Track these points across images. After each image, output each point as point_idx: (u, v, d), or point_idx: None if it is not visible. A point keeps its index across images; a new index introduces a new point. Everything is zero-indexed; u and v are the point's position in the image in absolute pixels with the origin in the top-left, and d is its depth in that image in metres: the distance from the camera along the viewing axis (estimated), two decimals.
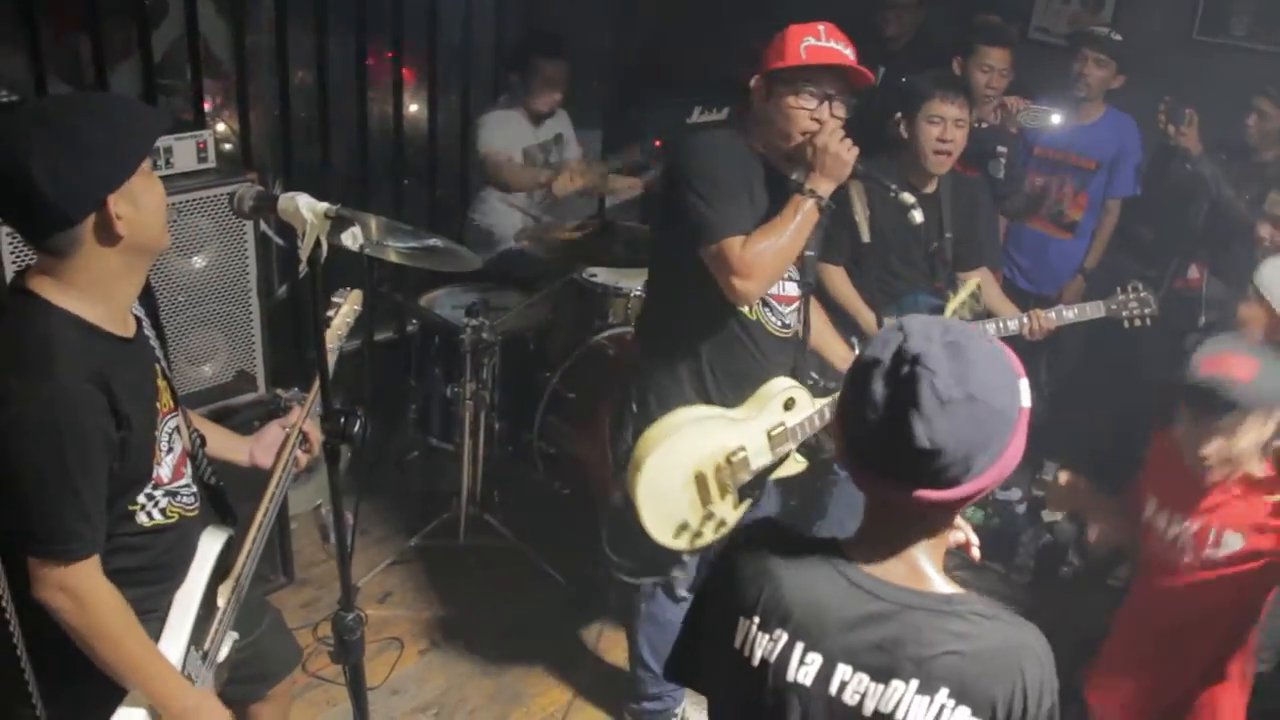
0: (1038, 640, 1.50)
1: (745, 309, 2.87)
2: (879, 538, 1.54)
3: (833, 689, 1.49)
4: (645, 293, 3.23)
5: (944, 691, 1.43)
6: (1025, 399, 1.45)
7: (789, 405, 3.00)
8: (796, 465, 3.12)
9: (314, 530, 4.21)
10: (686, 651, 1.78)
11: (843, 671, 1.49)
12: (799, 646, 1.52)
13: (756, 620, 1.55)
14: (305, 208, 1.96)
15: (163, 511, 2.12)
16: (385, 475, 4.55)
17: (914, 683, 1.44)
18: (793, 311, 2.99)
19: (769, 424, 2.96)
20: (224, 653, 2.28)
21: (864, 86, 2.79)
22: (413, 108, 5.22)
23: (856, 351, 3.13)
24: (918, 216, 2.85)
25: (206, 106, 4.47)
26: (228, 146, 4.62)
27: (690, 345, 2.91)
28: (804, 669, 1.51)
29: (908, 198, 2.87)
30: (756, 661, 1.55)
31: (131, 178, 1.92)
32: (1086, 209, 4.66)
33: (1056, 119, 4.22)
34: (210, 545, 2.28)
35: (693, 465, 2.88)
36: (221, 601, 2.26)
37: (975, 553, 1.70)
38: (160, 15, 4.34)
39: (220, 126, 4.69)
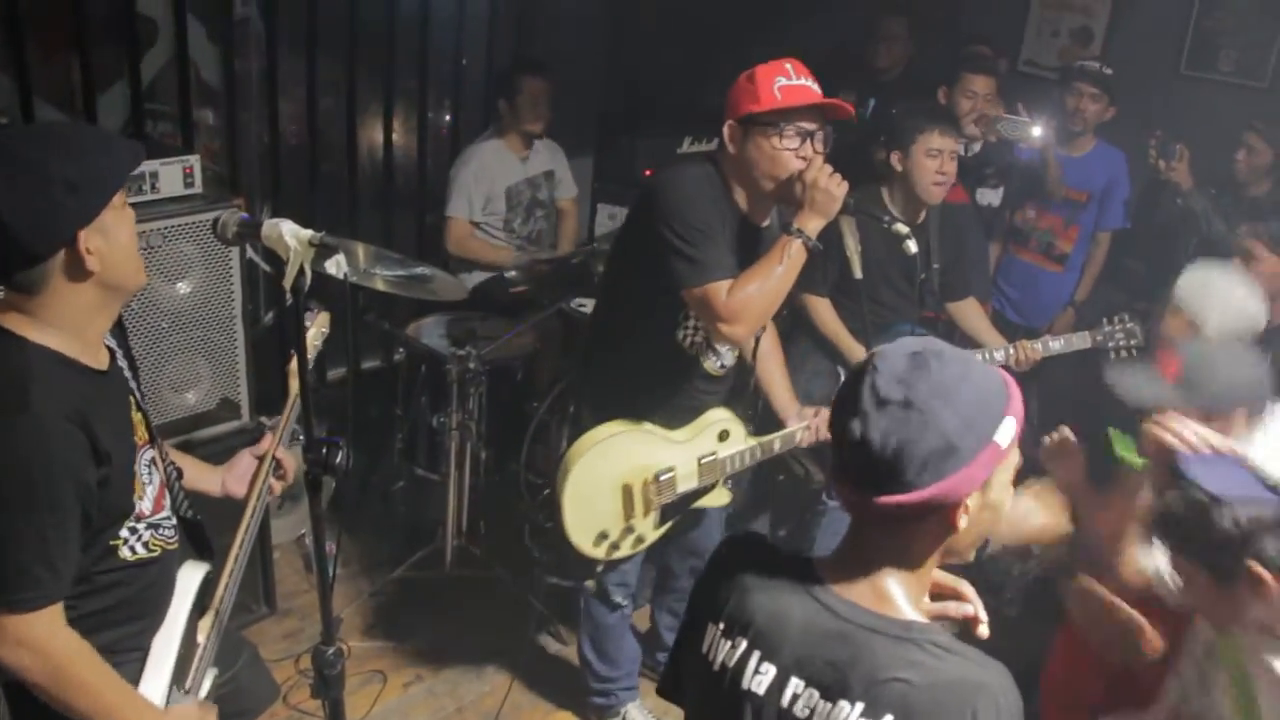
0: (999, 681, 1.45)
1: (687, 345, 2.90)
2: (852, 558, 1.54)
3: (784, 700, 1.49)
4: (596, 308, 3.24)
5: (889, 718, 1.40)
6: (1000, 436, 1.42)
7: (723, 437, 3.07)
8: (721, 498, 3.18)
9: (297, 560, 4.17)
10: (673, 666, 1.78)
11: (795, 685, 1.49)
12: (756, 655, 1.53)
13: (721, 626, 1.58)
14: (289, 234, 1.94)
15: (145, 545, 2.07)
16: (371, 505, 4.51)
17: (860, 705, 1.42)
18: (732, 352, 3.02)
19: (701, 451, 3.02)
20: (205, 689, 2.23)
21: (840, 119, 2.77)
22: (402, 135, 5.20)
23: (798, 403, 3.20)
24: (913, 246, 2.85)
25: (194, 132, 4.44)
26: (217, 170, 4.60)
27: (631, 367, 2.95)
28: (759, 678, 1.52)
29: (902, 228, 2.86)
30: (717, 667, 1.57)
31: (104, 212, 1.87)
32: (1077, 241, 4.67)
33: (1036, 131, 4.20)
34: (189, 580, 2.23)
35: (620, 476, 2.93)
36: (202, 637, 2.21)
37: (983, 629, 1.66)
38: (150, 40, 4.32)
39: (214, 154, 4.67)
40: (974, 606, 1.68)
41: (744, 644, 1.54)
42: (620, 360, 2.99)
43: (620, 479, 2.93)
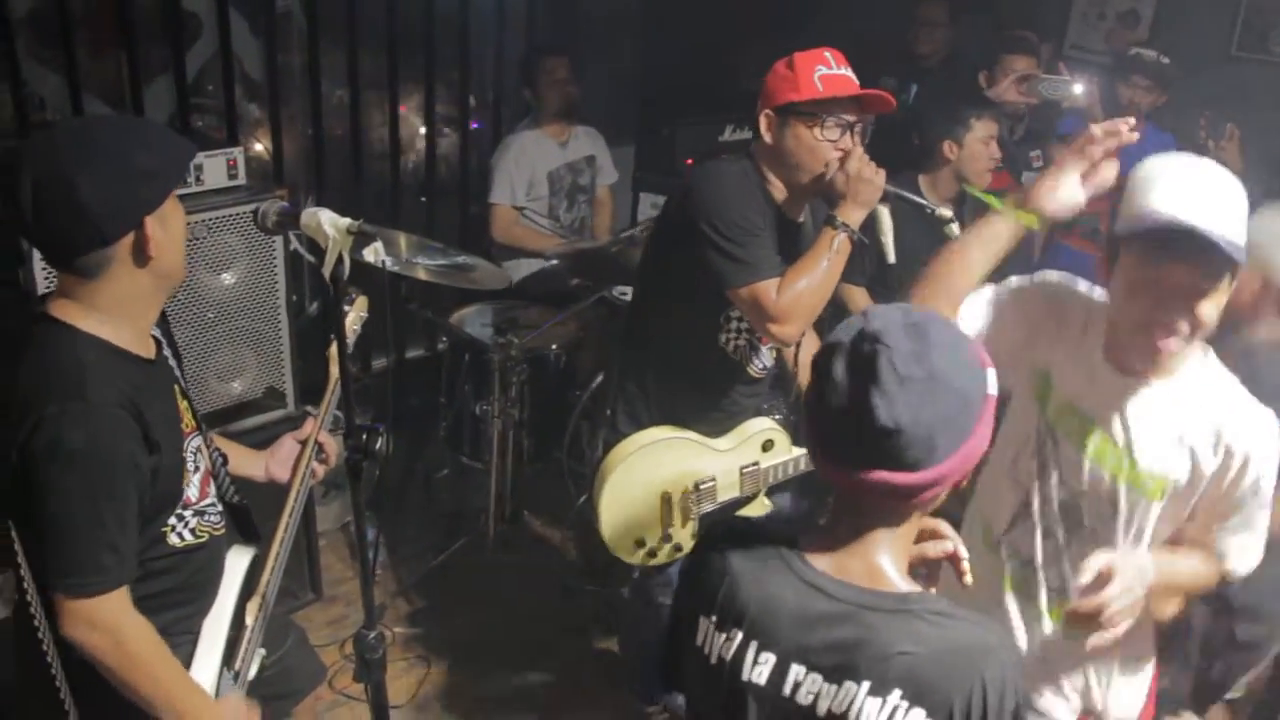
0: (1001, 640, 1.48)
1: (730, 349, 2.86)
2: (839, 534, 1.52)
3: (786, 689, 1.48)
4: (630, 312, 3.19)
5: (897, 693, 1.40)
6: (991, 387, 1.44)
7: (767, 446, 3.01)
8: (761, 508, 3.10)
9: (343, 547, 4.21)
10: (669, 655, 1.76)
11: (796, 671, 1.48)
12: (753, 646, 1.51)
13: (714, 619, 1.56)
14: (328, 223, 1.97)
15: (193, 531, 2.12)
16: (415, 493, 4.54)
17: (866, 684, 1.42)
18: (771, 352, 2.99)
19: (744, 461, 2.97)
20: (253, 670, 2.28)
21: (881, 111, 2.74)
22: (443, 126, 5.23)
23: None
24: (956, 230, 2.82)
25: (239, 125, 4.49)
26: (263, 161, 4.65)
27: (669, 372, 2.90)
28: (758, 668, 1.50)
29: (946, 213, 2.84)
30: (714, 660, 1.55)
31: (165, 202, 1.94)
32: None
33: (1078, 89, 4.10)
34: (237, 564, 2.28)
35: (660, 484, 2.88)
36: (250, 619, 2.25)
37: (965, 567, 1.66)
38: (195, 34, 4.38)
39: (258, 146, 4.72)
40: (953, 543, 1.67)
41: (739, 635, 1.52)
42: (658, 365, 2.93)
43: (659, 487, 2.88)
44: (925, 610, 1.44)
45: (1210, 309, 1.84)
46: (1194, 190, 1.80)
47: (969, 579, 1.66)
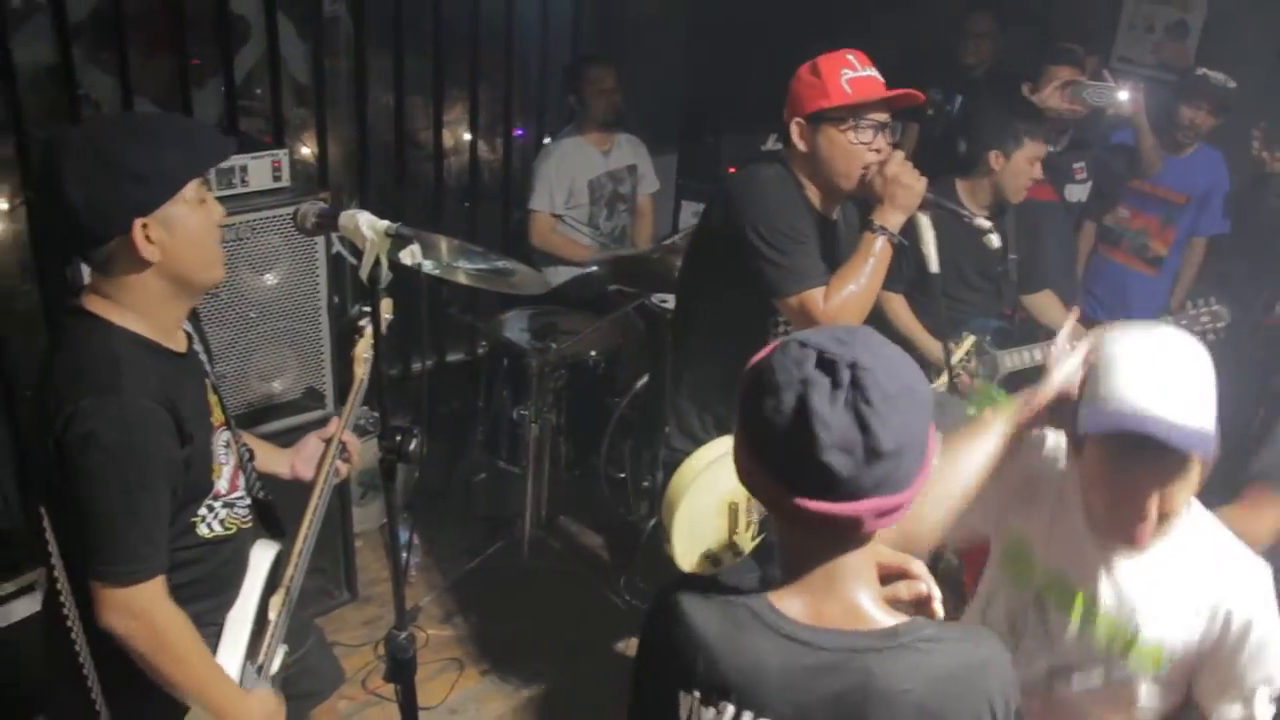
0: (992, 649, 1.43)
1: None
2: (806, 576, 1.43)
3: None
4: (675, 322, 3.16)
5: None
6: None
7: None
8: None
9: (379, 548, 4.24)
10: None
11: None
12: (747, 716, 1.42)
13: (697, 694, 1.45)
14: (366, 225, 1.99)
15: (221, 523, 2.14)
16: (452, 497, 4.55)
17: None
18: None
19: None
20: (276, 665, 2.29)
21: (909, 107, 2.73)
22: (487, 132, 5.26)
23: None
24: (995, 240, 2.80)
25: (285, 127, 4.54)
26: (308, 164, 4.70)
27: (719, 382, 2.85)
28: None
29: (984, 223, 2.82)
30: None
31: (170, 204, 1.92)
32: (1173, 244, 4.54)
33: (1123, 95, 4.05)
34: (262, 558, 2.30)
35: (729, 495, 2.84)
36: (273, 614, 2.26)
37: (937, 607, 1.59)
38: (244, 38, 4.43)
39: (304, 149, 4.77)
40: (925, 584, 1.60)
41: (731, 709, 1.42)
42: (707, 375, 2.91)
43: (728, 499, 2.84)
44: (916, 640, 1.38)
45: (1181, 496, 1.77)
46: (1157, 379, 1.73)
47: (940, 613, 1.59)
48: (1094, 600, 1.94)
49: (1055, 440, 2.07)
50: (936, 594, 1.60)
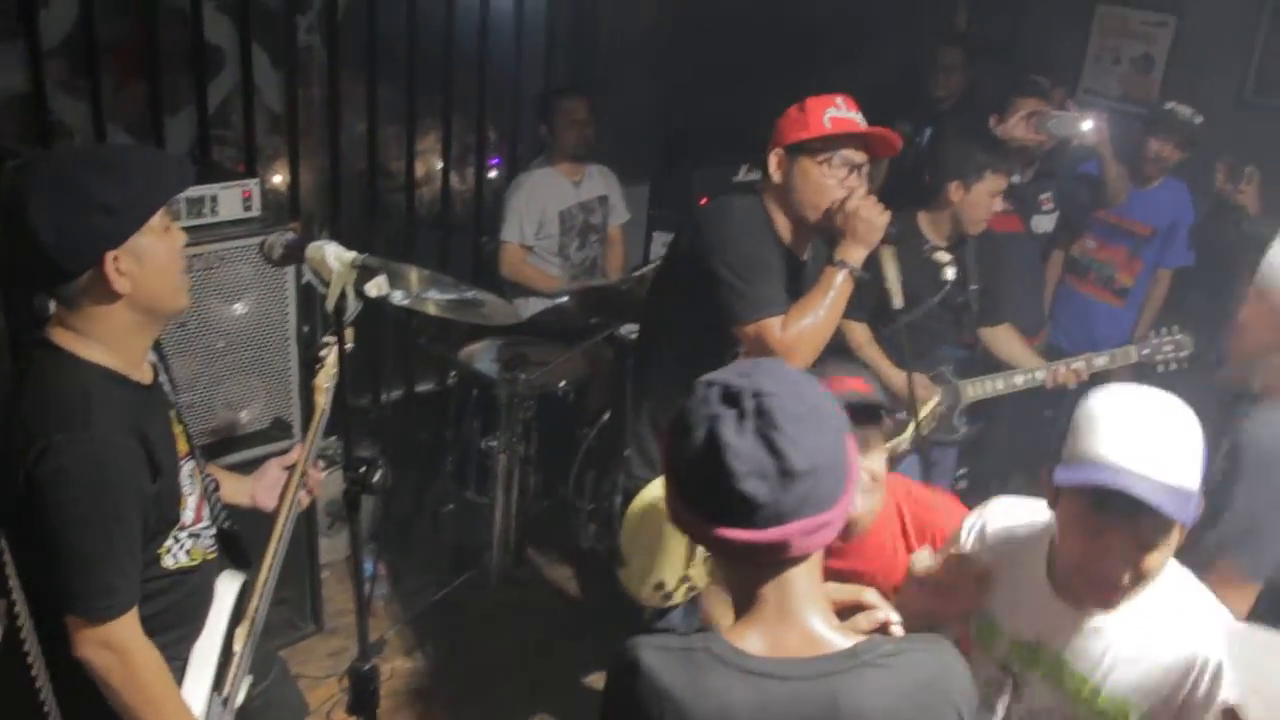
0: (950, 654, 1.46)
1: None
2: (759, 613, 1.43)
3: None
4: (640, 350, 3.17)
5: None
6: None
7: None
8: None
9: (346, 579, 4.20)
10: None
11: None
12: None
13: None
14: (332, 256, 1.99)
15: (187, 553, 2.12)
16: (421, 528, 4.54)
17: None
18: None
19: None
20: (241, 697, 2.28)
21: (887, 155, 2.77)
22: (460, 162, 5.28)
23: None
24: (950, 273, 2.84)
25: (257, 156, 4.54)
26: (281, 193, 4.70)
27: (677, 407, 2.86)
28: None
29: (943, 256, 2.86)
30: None
31: (139, 235, 1.91)
32: (1139, 276, 4.59)
33: (1086, 125, 4.08)
34: (227, 590, 2.28)
35: None
36: (238, 646, 2.26)
37: (897, 630, 1.59)
38: (217, 67, 4.44)
39: (277, 178, 4.76)
40: (883, 611, 1.60)
41: None
42: (668, 403, 2.85)
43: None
44: (877, 658, 1.40)
45: (1156, 561, 1.73)
46: (1139, 437, 1.69)
47: (898, 630, 1.59)
48: (1060, 660, 1.91)
49: (972, 529, 2.08)
50: (895, 617, 1.61)
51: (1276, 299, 2.33)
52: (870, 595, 1.63)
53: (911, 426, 3.13)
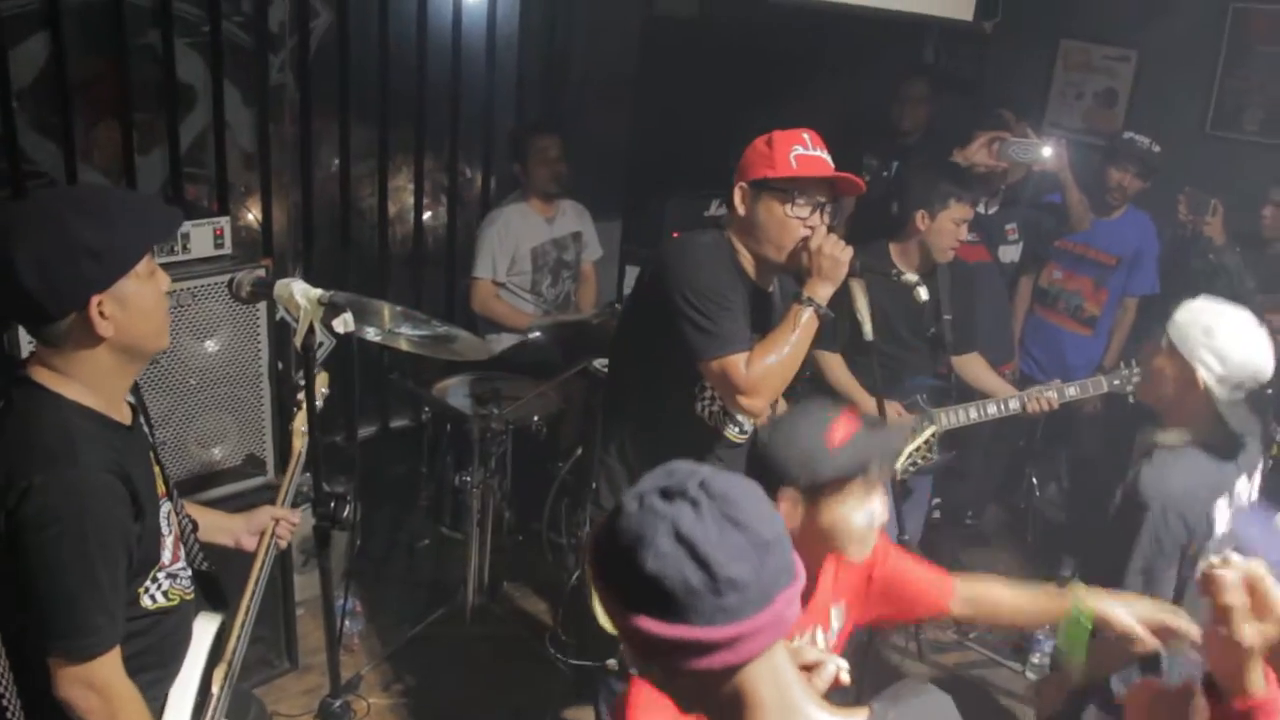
0: (938, 693, 1.43)
1: (706, 416, 2.87)
2: (763, 710, 1.29)
3: None
4: (608, 384, 3.19)
5: None
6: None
7: None
8: None
9: (321, 616, 4.18)
10: None
11: None
12: None
13: None
14: (300, 293, 2.01)
15: (165, 594, 2.12)
16: (396, 563, 4.53)
17: None
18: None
19: None
20: None
21: (851, 195, 2.79)
22: (432, 198, 5.30)
23: None
24: (924, 293, 2.86)
25: (230, 194, 4.55)
26: (254, 231, 4.71)
27: (649, 442, 2.88)
28: None
29: (911, 277, 2.89)
30: None
31: (124, 279, 1.91)
32: (1106, 305, 4.65)
33: (1046, 151, 4.14)
34: (205, 631, 2.28)
35: None
36: (216, 688, 2.25)
37: (844, 677, 1.59)
38: (189, 105, 4.45)
39: (249, 216, 4.77)
40: (830, 665, 1.60)
41: None
42: (637, 436, 2.93)
43: None
44: None
45: None
46: None
47: (846, 677, 1.59)
48: None
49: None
50: (843, 664, 1.61)
51: (1182, 361, 2.64)
52: (811, 653, 1.61)
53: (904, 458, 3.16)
